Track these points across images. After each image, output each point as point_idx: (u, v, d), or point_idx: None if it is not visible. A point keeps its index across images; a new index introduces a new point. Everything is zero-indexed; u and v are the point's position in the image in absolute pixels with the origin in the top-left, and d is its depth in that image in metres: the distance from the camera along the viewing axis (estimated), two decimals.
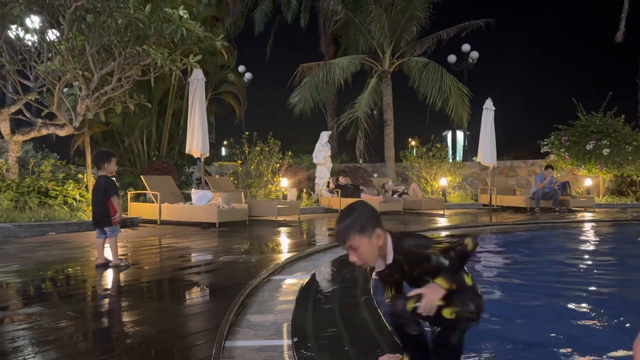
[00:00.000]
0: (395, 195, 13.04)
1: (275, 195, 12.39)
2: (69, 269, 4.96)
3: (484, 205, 14.39)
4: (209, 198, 9.27)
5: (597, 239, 8.50)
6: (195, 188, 10.06)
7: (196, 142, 10.09)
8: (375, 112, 17.36)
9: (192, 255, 5.97)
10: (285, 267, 4.93)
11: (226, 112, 17.24)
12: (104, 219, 4.86)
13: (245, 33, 22.02)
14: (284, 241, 7.41)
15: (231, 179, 12.35)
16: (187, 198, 10.12)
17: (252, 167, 12.43)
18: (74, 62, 8.42)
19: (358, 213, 2.13)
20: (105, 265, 4.87)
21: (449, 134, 39.73)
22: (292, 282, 4.27)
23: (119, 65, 8.89)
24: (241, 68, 23.16)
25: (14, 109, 9.06)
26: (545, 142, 16.19)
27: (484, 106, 13.62)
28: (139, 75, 9.34)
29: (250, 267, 4.96)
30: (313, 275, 4.55)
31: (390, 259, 2.17)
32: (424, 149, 15.82)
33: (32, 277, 4.57)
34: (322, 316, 3.27)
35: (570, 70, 46.66)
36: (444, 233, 9.06)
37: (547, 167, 13.38)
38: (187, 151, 10.60)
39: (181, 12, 8.72)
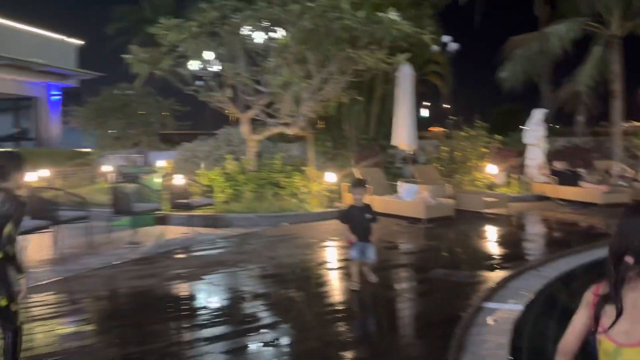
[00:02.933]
0: (623, 182, 11.68)
1: (482, 183, 12.19)
2: (302, 280, 5.92)
3: None
4: (415, 191, 9.64)
5: None
6: (401, 181, 10.51)
7: (405, 136, 10.53)
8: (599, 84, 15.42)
9: (401, 264, 6.48)
10: (497, 291, 5.06)
11: (430, 90, 17.27)
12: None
13: (452, 2, 21.37)
14: (493, 248, 7.45)
15: (434, 164, 12.51)
16: (394, 188, 10.67)
17: (457, 153, 12.39)
18: (298, 70, 9.50)
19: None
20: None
21: None
22: (503, 315, 4.41)
23: (337, 70, 9.73)
24: (446, 38, 22.61)
25: (252, 113, 10.65)
26: None
27: None
28: (353, 77, 10.09)
29: (463, 286, 5.24)
30: (527, 305, 4.60)
31: None
32: None
33: (276, 288, 5.59)
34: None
35: None
36: None
37: None
38: (393, 143, 11.13)
39: (392, 15, 9.07)
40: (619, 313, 1.53)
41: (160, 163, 15.91)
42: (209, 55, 9.68)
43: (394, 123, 10.89)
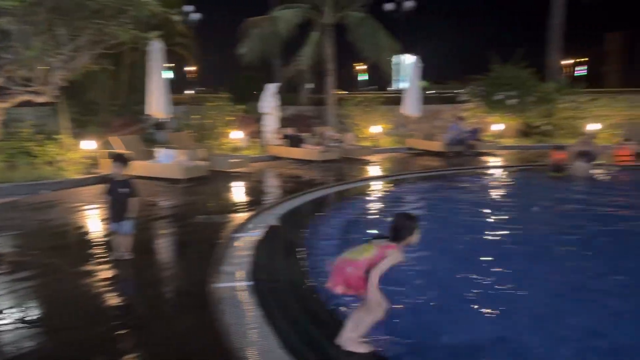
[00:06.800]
0: (333, 144, 15.06)
1: (228, 146, 14.16)
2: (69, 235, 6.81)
3: (409, 149, 16.66)
4: (173, 155, 10.95)
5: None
6: (158, 146, 11.61)
7: (160, 106, 11.61)
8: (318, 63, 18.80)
9: (168, 215, 7.90)
10: (243, 225, 6.96)
11: (178, 59, 18.31)
12: None
13: None
14: (240, 197, 9.43)
15: (187, 131, 13.92)
16: (152, 153, 11.73)
17: (207, 120, 14.04)
18: (49, 39, 9.60)
19: None
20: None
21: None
22: (248, 240, 6.31)
23: (89, 42, 10.15)
24: (188, 8, 23.59)
25: None
26: (465, 91, 18.50)
27: (408, 63, 15.61)
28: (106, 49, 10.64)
29: (218, 225, 6.97)
30: (262, 233, 6.61)
31: None
32: (360, 99, 17.82)
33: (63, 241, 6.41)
34: (269, 265, 5.39)
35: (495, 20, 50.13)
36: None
37: (459, 117, 15.79)
38: (147, 112, 12.11)
39: None
40: None
41: None
42: None
43: (148, 94, 11.84)
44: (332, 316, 4.11)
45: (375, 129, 17.02)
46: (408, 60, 17.51)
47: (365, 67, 50.21)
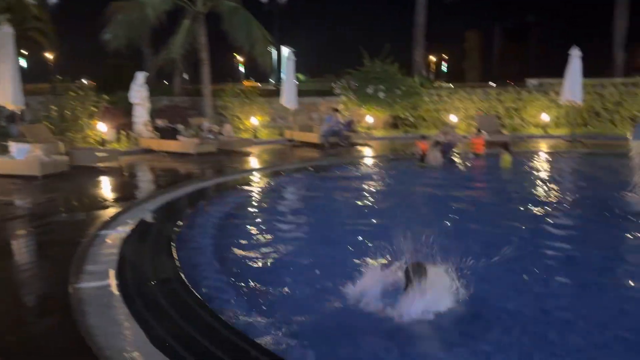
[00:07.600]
0: (211, 136, 14.74)
1: (94, 140, 13.21)
2: None
3: (288, 140, 16.88)
4: (27, 150, 9.95)
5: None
6: (11, 141, 10.46)
7: (10, 96, 10.46)
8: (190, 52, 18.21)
9: (22, 215, 7.21)
10: (110, 222, 6.57)
11: (35, 46, 16.67)
12: None
13: None
14: (106, 193, 8.88)
15: (45, 123, 12.73)
16: (5, 148, 10.58)
17: (68, 111, 12.95)
18: None
19: None
20: None
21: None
22: (115, 236, 5.98)
23: None
24: None
25: None
26: (339, 85, 19.16)
27: (286, 56, 15.76)
28: None
29: (82, 224, 6.51)
30: (132, 229, 6.30)
31: None
32: (238, 90, 17.63)
33: None
34: (138, 261, 5.17)
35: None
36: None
37: (335, 110, 16.32)
38: None
39: None
40: None
41: None
42: None
43: None
44: (202, 308, 4.07)
45: (255, 120, 16.99)
46: (286, 53, 17.65)
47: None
